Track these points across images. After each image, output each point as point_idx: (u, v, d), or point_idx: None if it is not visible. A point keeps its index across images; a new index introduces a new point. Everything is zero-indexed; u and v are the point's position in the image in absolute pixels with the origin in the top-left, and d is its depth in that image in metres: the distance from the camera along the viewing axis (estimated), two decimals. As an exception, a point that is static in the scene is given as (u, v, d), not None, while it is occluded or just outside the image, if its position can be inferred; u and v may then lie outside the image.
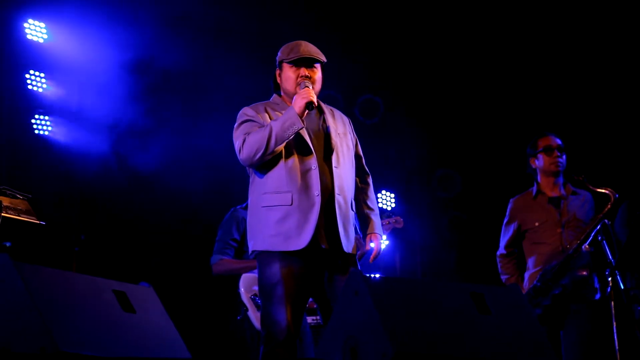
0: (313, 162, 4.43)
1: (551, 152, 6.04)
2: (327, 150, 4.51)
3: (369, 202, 4.72)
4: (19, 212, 5.14)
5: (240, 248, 6.35)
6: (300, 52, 4.55)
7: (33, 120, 7.89)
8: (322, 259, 4.43)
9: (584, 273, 5.77)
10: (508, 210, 6.19)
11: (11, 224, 5.12)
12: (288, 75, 4.58)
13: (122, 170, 8.10)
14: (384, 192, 9.11)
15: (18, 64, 7.87)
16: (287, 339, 4.31)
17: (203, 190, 8.11)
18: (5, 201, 5.05)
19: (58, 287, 3.50)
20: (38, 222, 5.28)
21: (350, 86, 9.01)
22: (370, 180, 4.80)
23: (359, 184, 4.73)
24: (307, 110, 4.40)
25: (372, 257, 4.59)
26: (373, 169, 4.94)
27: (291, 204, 4.38)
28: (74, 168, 7.96)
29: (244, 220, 6.27)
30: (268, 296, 4.38)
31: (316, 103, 4.44)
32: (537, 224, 5.99)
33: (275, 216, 4.40)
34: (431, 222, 9.10)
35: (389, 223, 6.30)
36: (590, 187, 5.85)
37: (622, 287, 5.52)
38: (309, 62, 4.57)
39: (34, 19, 7.86)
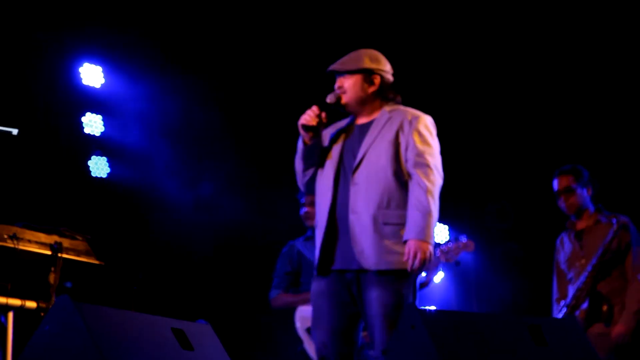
0: (330, 182, 4.36)
1: (558, 197, 5.90)
2: (351, 166, 4.35)
3: (407, 206, 4.27)
4: (78, 253, 5.23)
5: (296, 280, 6.34)
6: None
7: (90, 162, 8.03)
8: (344, 280, 4.30)
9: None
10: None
11: (71, 265, 5.21)
12: None
13: (177, 207, 8.19)
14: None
15: (74, 107, 8.02)
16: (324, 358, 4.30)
17: (261, 226, 8.17)
18: (65, 243, 5.14)
19: (118, 327, 3.56)
20: (97, 262, 5.36)
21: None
22: (416, 177, 4.28)
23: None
24: (309, 132, 4.36)
25: (409, 266, 4.18)
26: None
27: (317, 227, 4.42)
28: (130, 208, 8.07)
29: (299, 253, 6.29)
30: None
31: (313, 122, 4.33)
32: (564, 258, 5.93)
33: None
34: (486, 253, 9.02)
35: (458, 247, 5.77)
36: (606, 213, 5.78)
37: None
38: (338, 74, 4.48)
39: (90, 63, 8.01)
